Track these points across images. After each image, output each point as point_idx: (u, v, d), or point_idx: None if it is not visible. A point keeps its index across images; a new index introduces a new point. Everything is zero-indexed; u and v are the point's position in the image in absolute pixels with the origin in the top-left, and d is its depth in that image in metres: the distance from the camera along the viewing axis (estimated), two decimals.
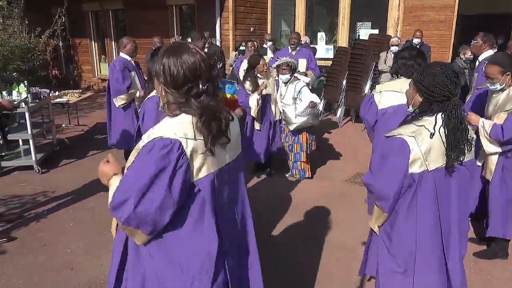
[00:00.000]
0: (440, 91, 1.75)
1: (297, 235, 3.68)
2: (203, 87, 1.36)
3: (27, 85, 5.29)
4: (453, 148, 1.73)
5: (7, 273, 3.09)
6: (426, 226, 1.84)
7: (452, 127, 1.73)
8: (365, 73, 7.48)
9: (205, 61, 1.37)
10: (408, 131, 1.78)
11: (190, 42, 5.26)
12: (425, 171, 1.77)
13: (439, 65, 1.80)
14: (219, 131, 1.37)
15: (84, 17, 11.80)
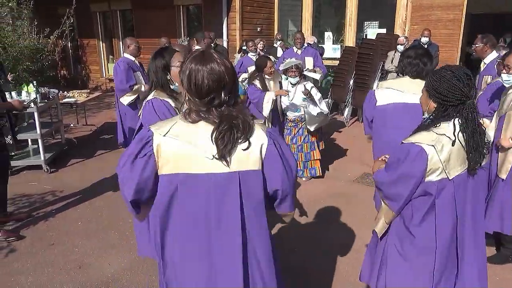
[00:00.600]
0: (453, 95, 1.71)
1: (303, 235, 3.67)
2: (225, 98, 1.41)
3: (36, 85, 5.35)
4: (473, 152, 1.70)
5: (16, 272, 3.12)
6: (445, 232, 1.81)
7: (471, 131, 1.69)
8: (372, 73, 7.44)
9: (229, 71, 1.42)
10: (428, 139, 1.74)
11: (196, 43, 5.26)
12: (443, 179, 1.73)
13: (450, 69, 1.75)
14: (232, 142, 1.42)
15: (92, 18, 11.88)
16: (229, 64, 1.44)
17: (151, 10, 10.18)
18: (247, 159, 1.46)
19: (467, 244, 1.86)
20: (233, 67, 1.47)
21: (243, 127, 1.43)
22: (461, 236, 1.84)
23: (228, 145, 1.40)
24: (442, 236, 1.82)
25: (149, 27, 10.22)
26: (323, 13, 10.24)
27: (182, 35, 9.85)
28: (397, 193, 1.83)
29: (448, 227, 1.81)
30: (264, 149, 1.47)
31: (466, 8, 7.68)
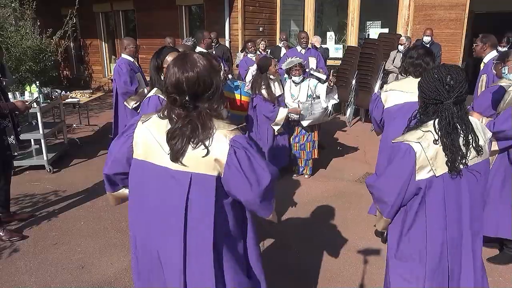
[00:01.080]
0: (430, 94, 1.75)
1: (305, 235, 3.67)
2: (187, 100, 1.48)
3: (38, 86, 5.37)
4: (448, 152, 1.71)
5: (19, 272, 3.13)
6: (436, 231, 1.81)
7: (445, 131, 1.71)
8: (374, 73, 7.43)
9: (201, 75, 1.47)
10: (414, 137, 1.76)
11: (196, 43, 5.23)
12: (432, 177, 1.74)
13: (438, 68, 1.78)
14: (182, 143, 1.48)
15: (95, 18, 11.91)
16: (202, 69, 1.48)
17: (154, 10, 10.19)
18: (203, 163, 1.51)
19: (464, 245, 1.85)
20: (210, 72, 1.50)
21: (197, 131, 1.47)
22: (457, 237, 1.83)
23: (177, 145, 1.48)
24: (433, 235, 1.81)
25: (151, 27, 10.23)
26: (325, 13, 10.22)
27: (184, 35, 9.85)
28: (389, 194, 1.83)
29: (440, 227, 1.80)
30: (223, 157, 1.49)
31: (469, 8, 7.66)
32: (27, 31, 9.54)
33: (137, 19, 10.90)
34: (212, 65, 1.52)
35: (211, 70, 1.51)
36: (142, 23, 10.71)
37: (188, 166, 1.51)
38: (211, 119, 1.50)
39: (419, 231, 1.84)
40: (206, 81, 1.48)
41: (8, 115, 3.61)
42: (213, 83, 1.50)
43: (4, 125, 3.58)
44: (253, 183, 1.52)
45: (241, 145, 1.50)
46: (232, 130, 1.52)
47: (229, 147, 1.48)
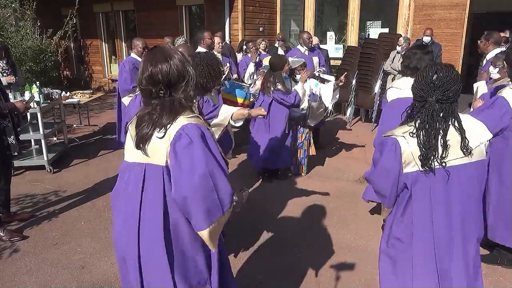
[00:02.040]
0: (417, 92, 1.79)
1: (305, 235, 3.67)
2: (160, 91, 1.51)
3: (39, 86, 5.37)
4: (421, 148, 1.73)
5: (19, 272, 3.13)
6: (424, 227, 1.81)
7: (423, 128, 1.74)
8: (375, 73, 7.42)
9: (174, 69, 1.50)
10: (400, 131, 1.80)
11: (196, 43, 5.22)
12: (417, 171, 1.76)
13: (429, 67, 1.80)
14: (147, 131, 1.49)
15: (95, 18, 11.91)
16: (175, 60, 1.50)
17: (154, 10, 10.19)
18: (156, 151, 1.49)
19: (455, 247, 1.84)
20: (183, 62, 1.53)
21: (164, 115, 1.47)
22: (445, 236, 1.82)
23: (142, 130, 1.49)
24: (420, 232, 1.82)
25: (151, 27, 10.23)
26: (326, 12, 10.22)
27: (185, 35, 9.85)
28: (383, 187, 1.88)
29: (426, 221, 1.80)
30: (166, 147, 1.46)
31: (469, 7, 7.65)
32: (27, 31, 9.55)
33: (137, 19, 10.91)
34: (185, 56, 1.55)
35: (184, 60, 1.54)
36: (142, 23, 10.71)
37: (150, 156, 1.50)
38: (184, 107, 1.51)
39: (406, 224, 1.86)
40: (180, 71, 1.50)
41: (8, 115, 3.62)
42: (187, 72, 1.53)
43: (4, 125, 3.58)
44: (185, 171, 1.42)
45: (189, 132, 1.45)
46: (190, 117, 1.50)
47: (176, 132, 1.46)
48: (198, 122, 1.50)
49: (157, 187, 1.50)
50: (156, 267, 1.53)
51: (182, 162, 1.42)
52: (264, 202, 4.33)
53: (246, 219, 3.85)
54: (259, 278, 3.03)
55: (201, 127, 1.49)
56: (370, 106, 7.63)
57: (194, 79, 1.55)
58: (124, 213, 1.61)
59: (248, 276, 3.05)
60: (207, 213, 1.43)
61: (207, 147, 1.46)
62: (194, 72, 1.55)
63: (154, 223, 1.51)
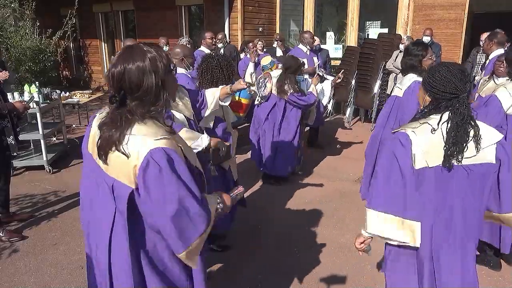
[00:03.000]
0: (446, 89, 1.76)
1: (305, 235, 3.67)
2: (119, 98, 1.39)
3: (38, 86, 5.36)
4: (450, 144, 1.71)
5: (19, 272, 3.13)
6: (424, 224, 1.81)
7: (456, 123, 1.72)
8: (374, 73, 7.43)
9: (131, 74, 1.36)
10: (410, 127, 1.80)
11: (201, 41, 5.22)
12: (426, 167, 1.75)
13: (445, 65, 1.81)
14: (102, 142, 1.41)
15: (94, 18, 11.90)
16: (133, 66, 1.35)
17: (153, 10, 10.19)
18: (121, 170, 1.40)
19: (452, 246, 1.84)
20: (143, 72, 1.36)
21: (112, 130, 1.37)
22: (446, 233, 1.82)
23: (97, 143, 1.42)
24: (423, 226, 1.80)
25: (151, 27, 10.23)
26: (325, 13, 10.22)
27: (184, 35, 9.85)
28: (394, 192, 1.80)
29: (428, 219, 1.80)
30: (136, 169, 1.37)
31: (468, 7, 7.66)
32: (26, 31, 9.54)
33: (136, 19, 10.90)
34: (151, 65, 1.36)
35: (145, 70, 1.36)
36: (141, 24, 10.70)
37: (112, 168, 1.42)
38: (132, 120, 1.38)
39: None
40: (132, 80, 1.35)
41: (7, 115, 3.61)
42: (143, 83, 1.36)
43: (3, 126, 3.57)
44: (156, 205, 1.36)
45: (157, 159, 1.34)
46: (158, 140, 1.37)
47: (143, 160, 1.35)
48: (167, 145, 1.39)
49: (123, 206, 1.43)
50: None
51: (153, 195, 1.36)
52: (264, 202, 4.33)
53: (246, 219, 3.85)
54: (259, 278, 3.03)
55: (169, 152, 1.38)
56: (369, 106, 7.63)
57: (154, 94, 1.38)
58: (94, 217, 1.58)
59: (248, 276, 3.05)
60: (182, 239, 1.42)
61: (176, 173, 1.38)
62: (156, 83, 1.37)
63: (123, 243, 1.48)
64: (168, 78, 1.43)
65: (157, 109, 1.41)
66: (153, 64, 1.37)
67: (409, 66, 3.27)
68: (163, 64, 1.40)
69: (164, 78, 1.40)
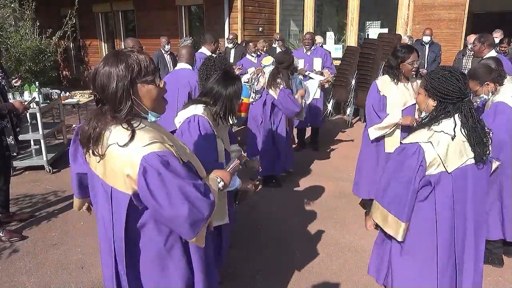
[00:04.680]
0: (453, 93, 1.80)
1: (305, 235, 3.66)
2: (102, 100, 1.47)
3: (38, 86, 5.36)
4: (477, 145, 1.78)
5: (19, 272, 3.13)
6: (444, 223, 1.86)
7: (471, 125, 1.78)
8: (374, 73, 7.41)
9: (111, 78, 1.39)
10: (424, 137, 1.83)
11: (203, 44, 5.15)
12: (442, 172, 1.81)
13: (447, 69, 1.86)
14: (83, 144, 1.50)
15: (94, 18, 11.91)
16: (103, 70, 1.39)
17: (153, 10, 10.19)
18: (116, 178, 1.45)
19: (468, 241, 1.87)
20: (109, 77, 1.39)
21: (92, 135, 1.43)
22: (463, 231, 1.86)
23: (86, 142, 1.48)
24: (442, 227, 1.85)
25: (151, 27, 10.23)
26: (325, 13, 10.22)
27: (184, 35, 9.85)
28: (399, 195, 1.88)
29: (447, 218, 1.85)
30: (134, 176, 1.40)
31: (468, 7, 7.66)
32: (26, 31, 9.54)
33: (136, 19, 10.90)
34: (120, 72, 1.38)
35: (112, 75, 1.38)
36: (141, 23, 10.71)
37: (109, 180, 1.48)
38: (107, 121, 1.43)
39: (427, 224, 1.88)
40: (100, 81, 1.40)
41: (6, 115, 3.61)
42: (107, 87, 1.39)
43: (3, 126, 3.57)
44: (163, 204, 1.40)
45: (153, 164, 1.38)
46: (147, 145, 1.39)
47: (139, 166, 1.38)
48: (157, 148, 1.41)
49: (121, 212, 1.48)
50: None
51: (160, 199, 1.39)
52: (264, 202, 4.33)
53: (246, 219, 3.85)
54: (258, 278, 3.03)
55: (161, 154, 1.40)
56: None
57: (119, 98, 1.39)
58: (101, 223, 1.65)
59: (248, 276, 3.05)
60: (193, 228, 1.47)
61: (174, 173, 1.41)
62: (122, 89, 1.39)
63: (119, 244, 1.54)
64: (138, 88, 1.44)
65: (121, 116, 1.41)
66: (123, 71, 1.39)
67: (388, 66, 3.35)
68: (135, 72, 1.40)
69: (130, 87, 1.40)
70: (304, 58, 6.04)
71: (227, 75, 2.31)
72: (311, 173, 5.22)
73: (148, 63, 1.44)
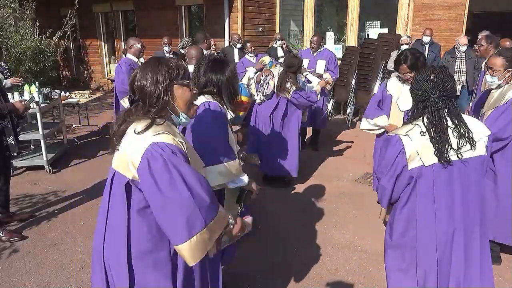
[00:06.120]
0: (418, 92, 1.92)
1: (305, 235, 3.67)
2: (134, 99, 1.59)
3: (38, 86, 5.36)
4: (434, 142, 1.84)
5: (19, 272, 3.13)
6: (425, 222, 1.89)
7: (431, 122, 1.85)
8: (374, 73, 7.43)
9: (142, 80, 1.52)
10: (403, 130, 1.94)
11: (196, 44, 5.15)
12: (421, 166, 1.87)
13: (425, 69, 1.96)
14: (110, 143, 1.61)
15: (94, 18, 11.91)
16: (145, 73, 1.51)
17: (153, 10, 10.19)
18: (121, 162, 1.53)
19: (456, 241, 1.88)
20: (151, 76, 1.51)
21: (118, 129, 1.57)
22: (448, 231, 1.89)
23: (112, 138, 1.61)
24: (423, 225, 1.90)
25: (151, 27, 10.23)
26: (325, 13, 10.23)
27: (184, 35, 9.85)
28: (384, 186, 1.99)
29: (430, 217, 1.88)
30: (137, 161, 1.44)
31: (468, 7, 7.66)
32: (26, 31, 9.53)
33: (136, 19, 10.90)
34: (158, 71, 1.51)
35: (152, 74, 1.51)
36: (141, 23, 10.70)
37: (115, 160, 1.59)
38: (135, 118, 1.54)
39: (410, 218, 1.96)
40: (140, 83, 1.52)
41: (7, 115, 3.61)
42: (148, 85, 1.51)
43: (3, 126, 3.57)
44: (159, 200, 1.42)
45: (159, 151, 1.42)
46: (158, 135, 1.46)
47: (145, 151, 1.43)
48: (166, 139, 1.46)
49: (121, 196, 1.51)
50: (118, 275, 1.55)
51: (160, 183, 1.40)
52: (264, 202, 4.33)
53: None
54: (258, 278, 3.03)
55: (170, 146, 1.45)
56: None
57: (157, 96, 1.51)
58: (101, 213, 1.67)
59: (248, 276, 3.05)
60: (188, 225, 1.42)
61: (179, 166, 1.43)
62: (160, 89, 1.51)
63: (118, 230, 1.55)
64: (174, 88, 1.55)
65: (155, 110, 1.52)
66: (164, 71, 1.51)
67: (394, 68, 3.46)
68: (173, 74, 1.53)
69: (168, 85, 1.52)
70: (309, 58, 6.05)
71: (217, 61, 2.34)
72: (311, 173, 5.22)
73: (186, 69, 1.58)
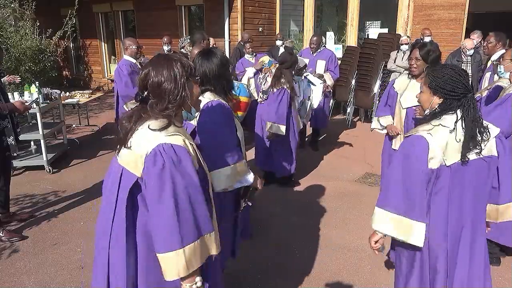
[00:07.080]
0: (458, 89, 1.84)
1: (305, 235, 3.67)
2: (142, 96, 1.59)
3: (38, 86, 5.36)
4: (469, 139, 1.80)
5: (19, 272, 3.13)
6: (439, 222, 1.87)
7: (470, 119, 1.81)
8: (374, 73, 7.43)
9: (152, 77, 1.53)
10: (425, 129, 1.86)
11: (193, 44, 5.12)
12: (442, 166, 1.82)
13: (449, 67, 1.90)
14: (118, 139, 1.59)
15: (94, 18, 11.91)
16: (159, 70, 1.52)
17: (153, 10, 10.19)
18: (129, 159, 1.53)
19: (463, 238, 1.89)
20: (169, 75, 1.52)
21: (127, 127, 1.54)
22: (457, 230, 1.88)
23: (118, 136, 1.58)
24: (437, 225, 1.87)
25: (151, 27, 10.23)
26: (325, 13, 10.22)
27: (184, 35, 9.85)
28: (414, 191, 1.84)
29: (443, 217, 1.86)
30: (142, 161, 1.48)
31: (468, 7, 7.66)
32: (26, 31, 9.53)
33: (136, 19, 10.90)
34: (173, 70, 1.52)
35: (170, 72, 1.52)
36: (141, 23, 10.71)
37: (122, 157, 1.56)
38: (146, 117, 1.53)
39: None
40: (154, 80, 1.52)
41: (7, 115, 3.61)
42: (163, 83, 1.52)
43: (3, 126, 3.57)
44: (155, 202, 1.43)
45: (164, 154, 1.44)
46: (170, 136, 1.48)
47: (151, 150, 1.46)
48: (177, 141, 1.48)
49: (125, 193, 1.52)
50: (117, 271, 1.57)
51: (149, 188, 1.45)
52: (264, 202, 4.32)
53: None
54: (258, 278, 3.03)
55: (177, 149, 1.47)
56: (369, 106, 7.63)
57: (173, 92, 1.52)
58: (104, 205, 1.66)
59: (248, 276, 3.05)
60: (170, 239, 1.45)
61: (176, 176, 1.44)
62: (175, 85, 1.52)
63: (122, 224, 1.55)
64: (187, 84, 1.56)
65: (173, 108, 1.53)
66: (180, 68, 1.53)
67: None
68: (189, 71, 1.56)
69: (186, 82, 1.54)
70: (309, 58, 6.05)
71: (204, 53, 2.34)
72: (311, 173, 5.22)
73: (194, 66, 1.63)
